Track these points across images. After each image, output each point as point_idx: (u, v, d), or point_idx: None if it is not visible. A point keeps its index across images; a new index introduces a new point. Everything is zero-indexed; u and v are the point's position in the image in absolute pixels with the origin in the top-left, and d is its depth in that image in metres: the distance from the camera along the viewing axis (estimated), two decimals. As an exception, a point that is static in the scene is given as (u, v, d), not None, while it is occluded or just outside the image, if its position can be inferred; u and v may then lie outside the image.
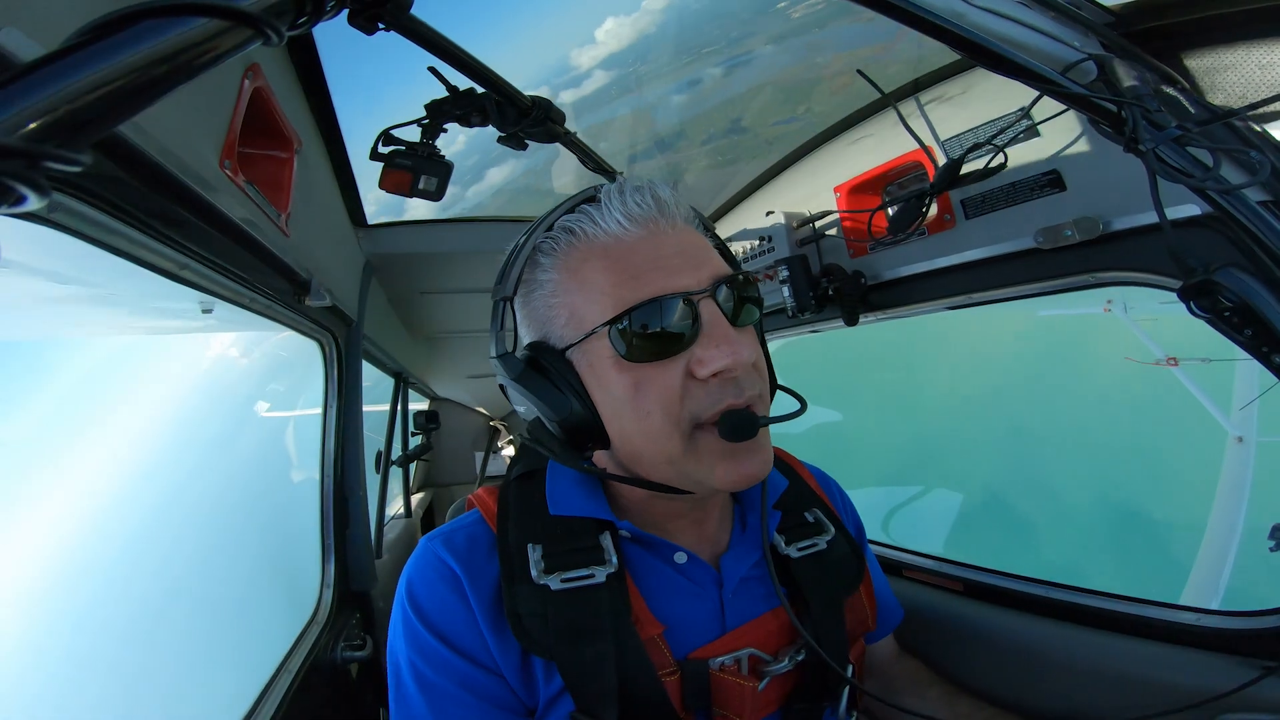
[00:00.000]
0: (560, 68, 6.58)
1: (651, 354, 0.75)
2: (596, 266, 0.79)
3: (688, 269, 0.78)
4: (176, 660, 2.57)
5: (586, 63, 5.82)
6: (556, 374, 0.80)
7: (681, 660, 0.82)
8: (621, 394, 0.77)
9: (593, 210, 0.81)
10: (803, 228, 1.84)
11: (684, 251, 0.80)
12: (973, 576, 1.55)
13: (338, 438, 2.13)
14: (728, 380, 0.76)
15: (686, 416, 0.76)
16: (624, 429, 0.79)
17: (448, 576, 0.82)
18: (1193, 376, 10.23)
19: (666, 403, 0.75)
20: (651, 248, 0.79)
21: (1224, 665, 1.09)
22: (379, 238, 2.35)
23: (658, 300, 0.75)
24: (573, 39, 6.77)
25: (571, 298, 0.80)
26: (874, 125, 1.64)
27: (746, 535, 0.94)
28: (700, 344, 0.76)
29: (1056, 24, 0.92)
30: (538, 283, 0.83)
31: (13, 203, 0.28)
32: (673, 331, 0.75)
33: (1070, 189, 1.23)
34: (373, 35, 0.97)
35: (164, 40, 0.35)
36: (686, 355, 0.76)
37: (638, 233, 0.79)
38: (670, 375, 0.76)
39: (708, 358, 0.74)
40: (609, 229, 0.80)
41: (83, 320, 2.07)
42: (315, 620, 1.91)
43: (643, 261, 0.78)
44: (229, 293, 1.36)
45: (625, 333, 0.75)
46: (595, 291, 0.78)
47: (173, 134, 0.90)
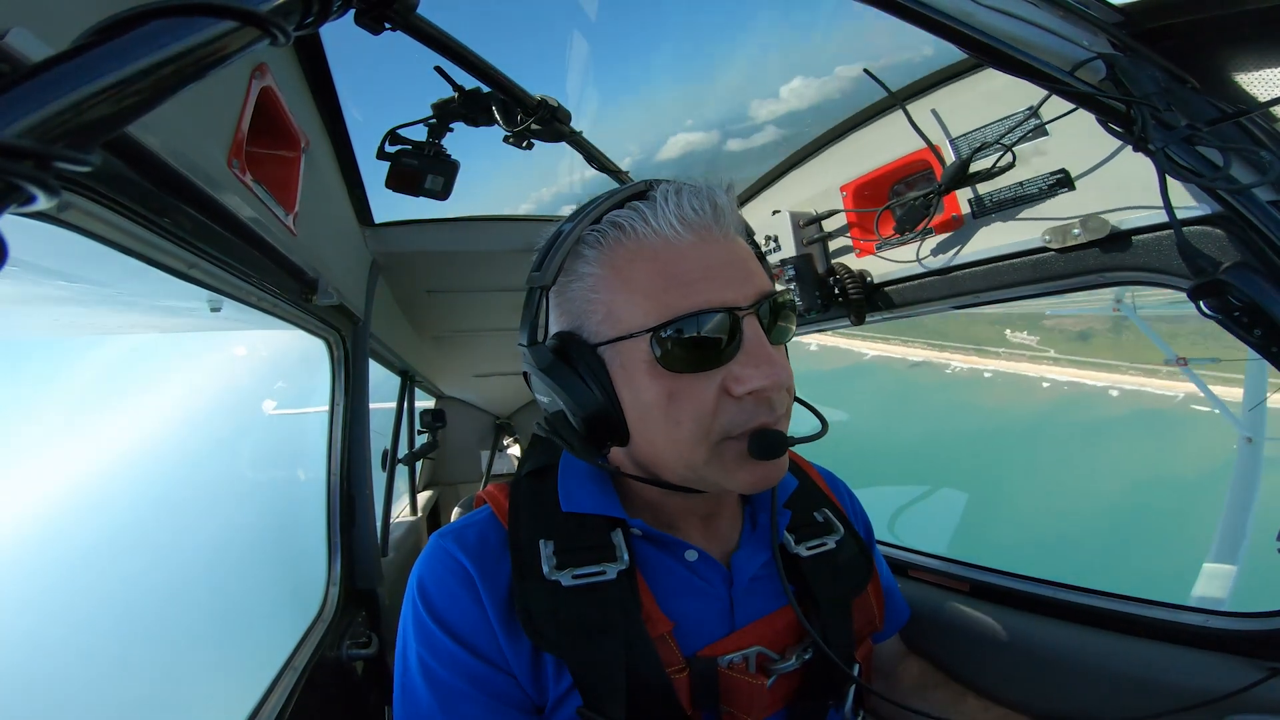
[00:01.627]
0: (736, 115, 6.51)
1: (690, 365, 0.74)
2: (644, 269, 0.76)
3: (735, 282, 0.76)
4: (177, 659, 2.58)
5: (763, 115, 5.77)
6: (585, 368, 0.78)
7: (690, 657, 0.82)
8: (653, 400, 0.76)
9: (645, 208, 0.78)
10: (809, 227, 1.84)
11: (733, 263, 0.78)
12: (979, 577, 1.55)
13: (344, 436, 2.14)
14: (763, 399, 0.75)
15: (718, 430, 0.75)
16: (650, 434, 0.78)
17: (459, 573, 0.83)
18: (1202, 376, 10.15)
19: (699, 415, 0.74)
20: (702, 256, 0.76)
21: (1231, 666, 1.09)
22: (386, 237, 2.36)
23: (704, 313, 0.73)
24: (756, 90, 6.67)
25: (612, 295, 0.78)
26: (881, 124, 1.64)
27: (757, 534, 0.94)
28: (739, 361, 0.74)
29: (1065, 23, 0.92)
30: (578, 274, 0.81)
31: (23, 202, 0.28)
32: (714, 346, 0.74)
33: (1079, 188, 1.22)
34: (379, 35, 0.98)
35: (172, 41, 0.35)
36: (724, 370, 0.75)
37: (689, 239, 0.77)
38: (706, 388, 0.74)
39: (746, 376, 0.73)
40: (660, 230, 0.77)
41: (93, 319, 2.08)
42: (321, 618, 1.92)
43: (692, 270, 0.75)
44: (237, 291, 1.36)
45: (666, 341, 0.73)
46: (639, 293, 0.76)
47: (181, 134, 0.91)
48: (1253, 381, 8.48)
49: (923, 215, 1.44)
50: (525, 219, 2.49)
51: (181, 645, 2.81)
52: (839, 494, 1.15)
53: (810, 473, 1.14)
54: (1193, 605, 1.21)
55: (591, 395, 0.78)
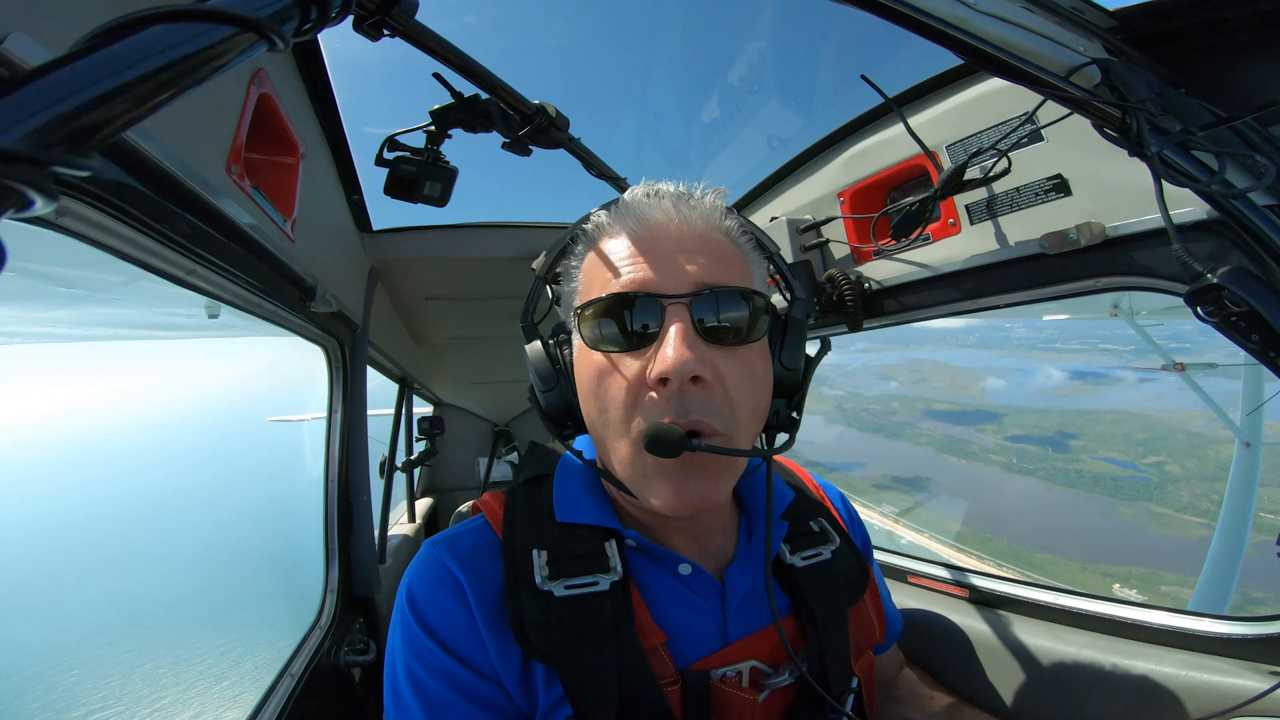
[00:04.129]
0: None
1: (609, 343, 0.77)
2: (598, 258, 0.83)
3: (675, 273, 0.77)
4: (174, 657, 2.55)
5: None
6: (555, 351, 0.88)
7: (683, 670, 0.82)
8: (587, 379, 0.81)
9: (616, 206, 0.86)
10: (806, 233, 1.84)
11: (680, 254, 0.79)
12: (980, 584, 1.55)
13: (342, 442, 2.14)
14: (672, 393, 0.73)
15: (637, 425, 0.75)
16: (591, 418, 0.82)
17: (449, 581, 0.82)
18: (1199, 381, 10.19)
19: (619, 400, 0.76)
20: (648, 246, 0.80)
21: (1235, 671, 1.09)
22: (384, 243, 2.36)
23: (625, 295, 0.77)
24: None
25: (583, 284, 0.85)
26: (878, 130, 1.64)
27: (752, 546, 0.93)
28: (656, 347, 0.74)
29: (1060, 28, 0.92)
30: (566, 269, 0.90)
31: (20, 207, 0.28)
32: (638, 330, 0.76)
33: (1075, 193, 1.23)
34: (378, 41, 0.98)
35: (170, 46, 0.35)
36: (646, 356, 0.75)
37: (643, 232, 0.81)
38: (629, 372, 0.76)
39: (657, 360, 0.73)
40: (624, 225, 0.83)
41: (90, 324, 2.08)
42: (318, 625, 1.91)
43: (632, 257, 0.80)
44: (235, 298, 1.36)
45: (587, 318, 0.79)
46: (593, 280, 0.82)
47: (179, 139, 0.91)
48: (1249, 387, 8.51)
49: (920, 221, 1.44)
50: (524, 226, 2.48)
51: (179, 645, 2.81)
52: (836, 505, 1.15)
53: (809, 484, 1.14)
54: (1195, 610, 1.21)
55: (552, 375, 0.87)
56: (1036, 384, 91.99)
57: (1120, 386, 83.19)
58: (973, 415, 72.83)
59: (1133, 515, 40.34)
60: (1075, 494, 44.81)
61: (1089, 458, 53.71)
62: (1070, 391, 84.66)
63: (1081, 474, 49.58)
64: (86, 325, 2.19)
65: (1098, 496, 44.39)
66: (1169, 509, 41.08)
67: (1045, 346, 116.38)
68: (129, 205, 0.86)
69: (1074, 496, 44.16)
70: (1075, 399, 78.75)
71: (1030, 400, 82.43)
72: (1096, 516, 39.62)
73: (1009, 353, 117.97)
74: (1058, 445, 58.17)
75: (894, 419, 76.73)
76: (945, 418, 73.97)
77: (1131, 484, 46.06)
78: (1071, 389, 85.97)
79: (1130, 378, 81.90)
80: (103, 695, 15.14)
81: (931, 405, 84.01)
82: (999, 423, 68.66)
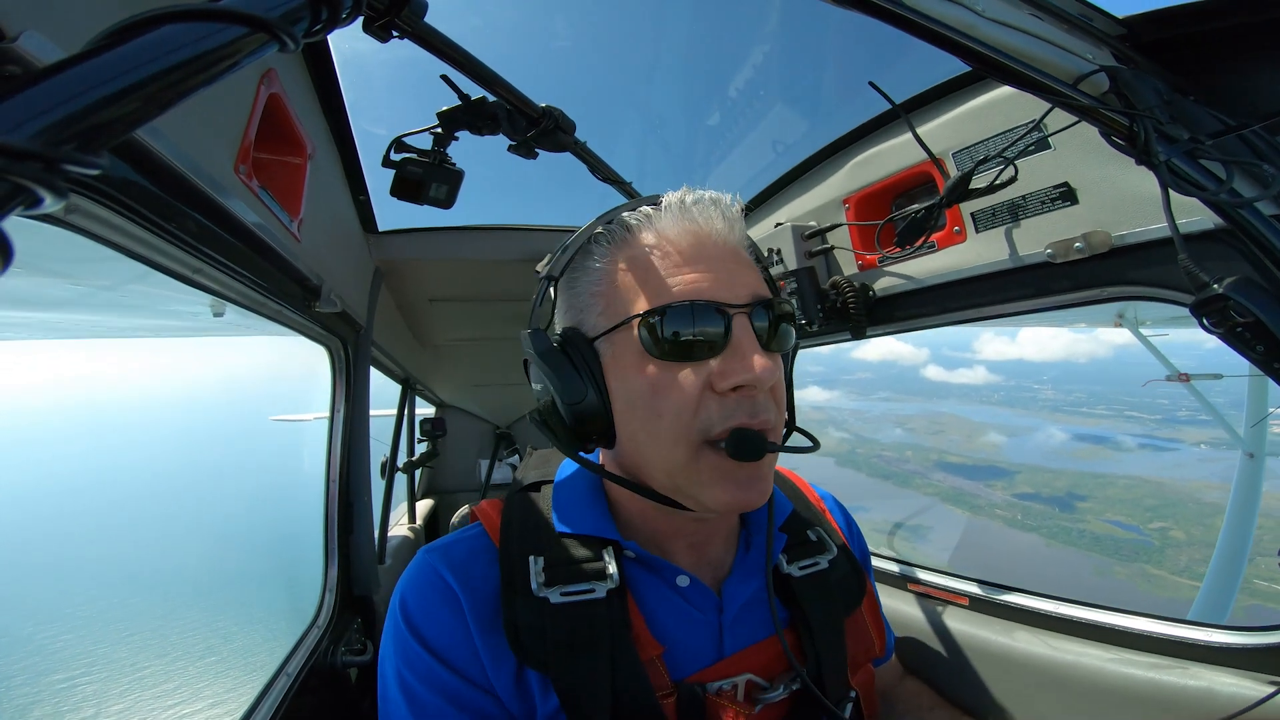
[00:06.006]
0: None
1: (676, 355, 0.76)
2: (643, 263, 0.80)
3: (731, 283, 0.79)
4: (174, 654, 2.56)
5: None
6: (580, 359, 0.81)
7: (679, 682, 0.81)
8: (638, 389, 0.77)
9: (654, 212, 0.83)
10: (811, 239, 1.84)
11: (731, 267, 0.81)
12: (980, 592, 1.54)
13: (344, 442, 2.14)
14: (745, 398, 0.76)
15: (698, 427, 0.75)
16: (633, 428, 0.79)
17: (443, 590, 0.82)
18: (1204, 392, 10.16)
19: (680, 408, 0.75)
20: (699, 255, 0.80)
21: (1235, 681, 1.08)
22: (389, 244, 2.36)
23: (695, 303, 0.76)
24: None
25: (612, 288, 0.82)
26: (884, 137, 1.64)
27: (750, 557, 0.93)
28: (724, 357, 0.76)
29: (1068, 36, 0.92)
30: (585, 269, 0.85)
31: (30, 204, 0.28)
32: (702, 339, 0.75)
33: (1081, 202, 1.22)
34: (387, 43, 0.98)
35: (181, 46, 0.35)
36: (709, 366, 0.76)
37: (689, 241, 0.81)
38: (690, 382, 0.75)
39: (729, 370, 0.74)
40: (664, 232, 0.81)
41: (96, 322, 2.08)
42: (316, 624, 1.91)
43: (689, 267, 0.79)
44: (240, 297, 1.37)
45: (655, 326, 0.76)
46: (636, 285, 0.80)
47: (188, 138, 0.91)
48: (1254, 398, 8.47)
49: (925, 229, 1.44)
50: (529, 229, 2.49)
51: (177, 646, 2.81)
52: (836, 515, 1.14)
53: (808, 493, 1.14)
54: (1196, 620, 1.20)
55: (581, 385, 0.80)
56: (1052, 445, 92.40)
57: (1137, 453, 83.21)
58: (984, 470, 72.97)
59: (1127, 575, 40.29)
60: (1074, 551, 44.73)
61: (1094, 519, 53.57)
62: (1086, 454, 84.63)
63: (1084, 533, 49.48)
64: (92, 320, 2.20)
65: (1096, 555, 44.30)
66: (1164, 571, 41.05)
67: (1071, 410, 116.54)
68: (137, 203, 0.86)
69: (1072, 554, 44.08)
70: (1090, 462, 78.86)
71: (1044, 460, 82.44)
72: (1091, 574, 39.51)
73: (1032, 412, 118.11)
74: (1065, 505, 58.07)
75: (905, 467, 76.74)
76: (957, 470, 74.01)
77: (1132, 546, 46.01)
78: (1087, 452, 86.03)
79: (1149, 446, 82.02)
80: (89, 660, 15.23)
81: (945, 457, 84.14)
82: (1010, 479, 68.64)
